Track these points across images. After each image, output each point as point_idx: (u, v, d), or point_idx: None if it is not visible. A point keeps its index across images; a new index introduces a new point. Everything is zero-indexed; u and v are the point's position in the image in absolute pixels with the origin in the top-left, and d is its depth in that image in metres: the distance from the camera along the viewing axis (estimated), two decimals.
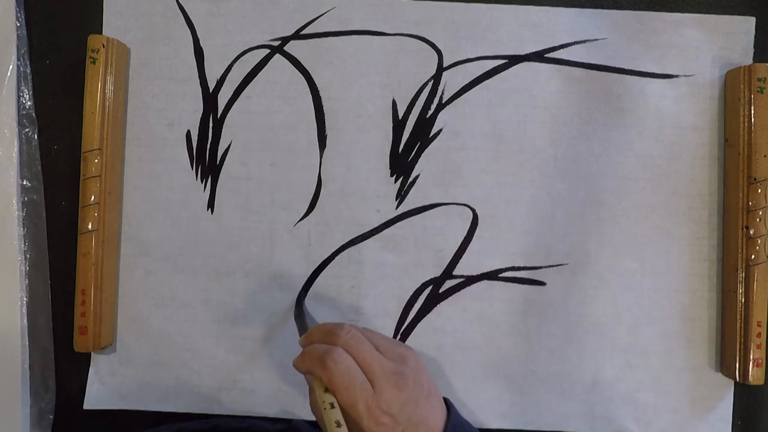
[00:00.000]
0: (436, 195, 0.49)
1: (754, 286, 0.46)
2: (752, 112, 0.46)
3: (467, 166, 0.49)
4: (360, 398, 0.34)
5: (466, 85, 0.49)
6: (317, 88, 0.50)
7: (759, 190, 0.46)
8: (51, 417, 0.49)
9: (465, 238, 0.49)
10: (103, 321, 0.47)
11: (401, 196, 0.49)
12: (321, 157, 0.49)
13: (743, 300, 0.46)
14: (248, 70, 0.50)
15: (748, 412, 0.49)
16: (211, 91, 0.50)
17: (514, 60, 0.49)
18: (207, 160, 0.50)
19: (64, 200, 0.49)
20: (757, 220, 0.46)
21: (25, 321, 0.48)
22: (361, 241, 0.49)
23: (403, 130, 0.50)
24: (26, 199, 0.49)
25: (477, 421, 0.49)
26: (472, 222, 0.49)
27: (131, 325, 0.49)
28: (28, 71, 0.49)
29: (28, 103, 0.49)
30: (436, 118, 0.49)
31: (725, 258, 0.48)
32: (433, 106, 0.49)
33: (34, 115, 0.49)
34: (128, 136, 0.50)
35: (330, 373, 0.34)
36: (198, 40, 0.50)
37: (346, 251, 0.49)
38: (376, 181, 0.49)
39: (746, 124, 0.47)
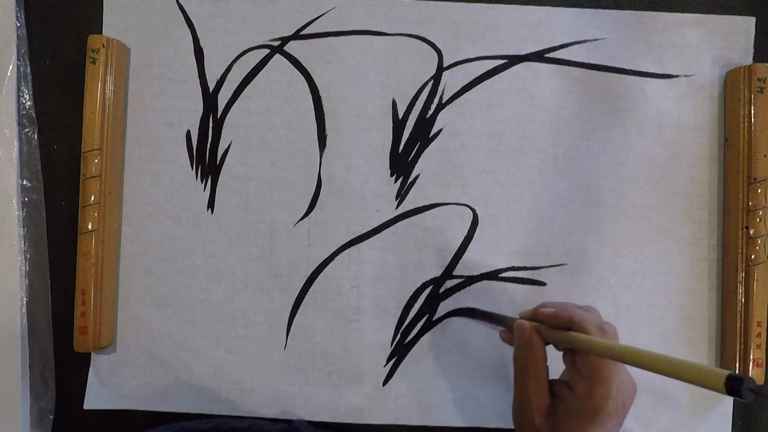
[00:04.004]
0: (436, 195, 0.49)
1: (754, 286, 0.46)
2: (752, 112, 0.46)
3: (467, 166, 0.49)
4: (617, 376, 0.35)
5: (466, 85, 0.49)
6: (317, 88, 0.50)
7: (759, 190, 0.46)
8: (51, 417, 0.49)
9: (465, 238, 0.49)
10: (103, 321, 0.47)
11: (401, 196, 0.49)
12: (321, 157, 0.49)
13: (743, 300, 0.46)
14: (248, 70, 0.50)
15: (748, 412, 0.49)
16: (211, 91, 0.50)
17: (514, 60, 0.49)
18: (207, 160, 0.50)
19: (64, 200, 0.49)
20: (757, 220, 0.46)
21: (25, 321, 0.48)
22: (361, 241, 0.49)
23: (403, 130, 0.50)
24: (26, 199, 0.49)
25: (477, 421, 0.49)
26: (472, 222, 0.49)
27: (131, 325, 0.49)
28: (28, 71, 0.49)
29: (28, 103, 0.49)
30: (436, 118, 0.49)
31: (725, 258, 0.48)
32: (433, 106, 0.49)
33: (34, 115, 0.49)
34: (128, 136, 0.50)
35: (610, 338, 0.35)
36: (198, 40, 0.50)
37: (346, 251, 0.49)
38: (376, 181, 0.49)
39: (746, 124, 0.47)
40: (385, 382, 0.49)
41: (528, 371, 0.38)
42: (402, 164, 0.49)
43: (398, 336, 0.49)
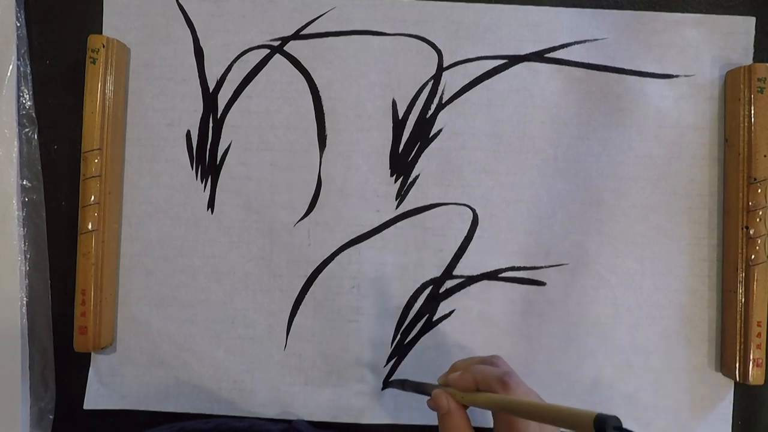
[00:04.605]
0: (436, 195, 0.49)
1: (754, 286, 0.46)
2: (752, 112, 0.46)
3: (467, 166, 0.49)
4: (531, 424, 0.35)
5: (466, 85, 0.49)
6: (317, 88, 0.50)
7: (759, 190, 0.46)
8: (51, 417, 0.49)
9: (465, 238, 0.49)
10: (103, 321, 0.47)
11: (401, 196, 0.49)
12: (321, 157, 0.49)
13: (743, 300, 0.46)
14: (248, 70, 0.50)
15: (748, 412, 0.49)
16: (211, 91, 0.50)
17: (514, 60, 0.49)
18: (207, 160, 0.50)
19: (64, 200, 0.49)
20: (757, 220, 0.46)
21: (25, 321, 0.48)
22: (361, 241, 0.49)
23: (403, 130, 0.50)
24: (26, 199, 0.49)
25: (477, 421, 0.48)
26: (472, 222, 0.49)
27: (131, 325, 0.49)
28: (28, 71, 0.49)
29: (28, 103, 0.49)
30: (436, 118, 0.49)
31: (725, 258, 0.48)
32: (433, 106, 0.49)
33: (34, 115, 0.49)
34: (128, 136, 0.50)
35: (512, 393, 0.34)
36: (198, 40, 0.50)
37: (346, 251, 0.49)
38: (376, 181, 0.49)
39: (746, 124, 0.47)
40: (385, 382, 0.49)
41: None
42: (402, 164, 0.49)
43: (398, 336, 0.49)
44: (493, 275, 0.49)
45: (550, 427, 0.35)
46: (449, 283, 0.49)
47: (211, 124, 0.50)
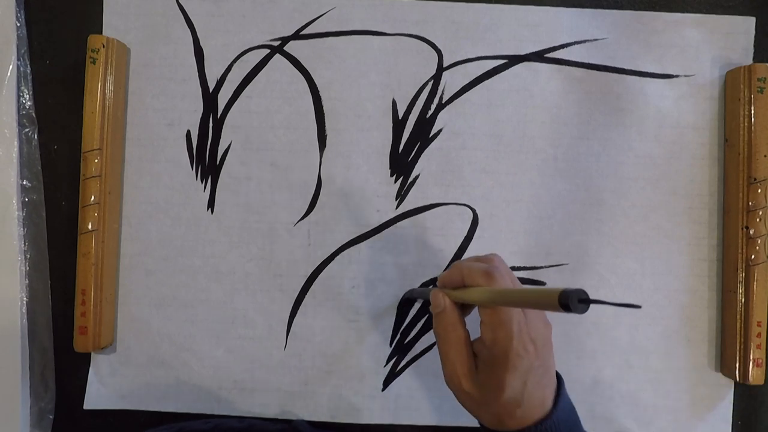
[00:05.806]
0: (436, 195, 0.49)
1: (754, 286, 0.46)
2: (752, 112, 0.46)
3: (467, 166, 0.49)
4: (515, 317, 0.34)
5: (466, 85, 0.49)
6: (317, 88, 0.50)
7: (759, 190, 0.46)
8: (51, 417, 0.49)
9: (465, 238, 0.49)
10: (103, 321, 0.47)
11: (401, 196, 0.49)
12: (321, 157, 0.49)
13: (743, 300, 0.46)
14: (248, 70, 0.50)
15: (748, 412, 0.49)
16: (211, 91, 0.50)
17: (514, 60, 0.49)
18: (207, 160, 0.50)
19: (64, 200, 0.49)
20: (757, 220, 0.46)
21: (25, 321, 0.48)
22: (361, 241, 0.49)
23: (403, 130, 0.50)
24: (26, 199, 0.49)
25: (476, 421, 0.48)
26: (472, 222, 0.49)
27: (131, 325, 0.49)
28: (28, 71, 0.49)
29: (28, 103, 0.49)
30: (436, 118, 0.49)
31: (725, 258, 0.48)
32: (433, 106, 0.49)
33: (34, 115, 0.49)
34: (128, 136, 0.50)
35: (495, 285, 0.34)
36: (198, 40, 0.50)
37: (346, 251, 0.49)
38: (376, 181, 0.49)
39: (746, 124, 0.47)
40: (385, 383, 0.49)
41: (447, 340, 0.37)
42: (402, 164, 0.49)
43: (398, 336, 0.49)
44: None
45: (541, 314, 0.36)
46: None
47: (211, 124, 0.50)
